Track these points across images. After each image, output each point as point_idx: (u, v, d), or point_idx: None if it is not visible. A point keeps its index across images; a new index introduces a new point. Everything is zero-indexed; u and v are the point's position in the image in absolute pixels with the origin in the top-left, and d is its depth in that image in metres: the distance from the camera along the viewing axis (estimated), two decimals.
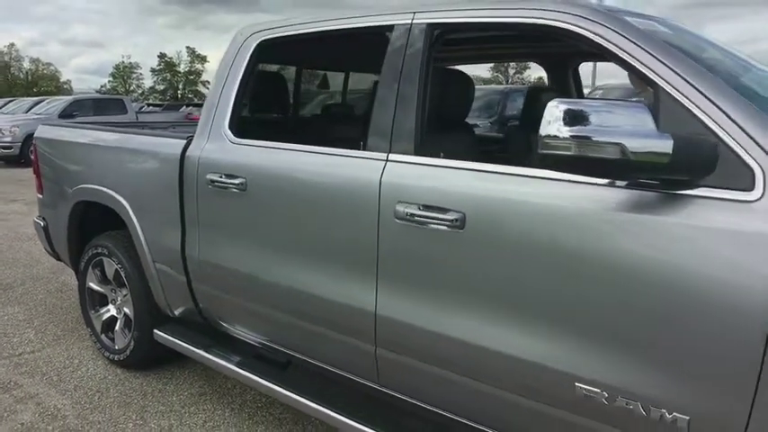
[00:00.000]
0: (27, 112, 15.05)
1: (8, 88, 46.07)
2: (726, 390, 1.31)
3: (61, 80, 56.38)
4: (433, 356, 1.82)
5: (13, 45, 53.30)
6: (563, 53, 2.62)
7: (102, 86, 62.83)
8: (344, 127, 2.12)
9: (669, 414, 1.39)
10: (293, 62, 2.77)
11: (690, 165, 1.34)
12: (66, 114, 13.55)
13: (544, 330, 1.57)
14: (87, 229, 3.25)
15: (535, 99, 2.74)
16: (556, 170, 1.43)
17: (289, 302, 2.24)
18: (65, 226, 3.29)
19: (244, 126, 2.47)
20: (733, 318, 1.28)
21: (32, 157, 3.63)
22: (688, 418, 1.37)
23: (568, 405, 1.55)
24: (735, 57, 2.00)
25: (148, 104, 28.02)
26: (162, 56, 65.86)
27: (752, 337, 1.26)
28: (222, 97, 2.51)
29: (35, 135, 3.62)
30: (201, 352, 2.62)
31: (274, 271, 2.24)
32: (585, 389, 1.50)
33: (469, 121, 2.55)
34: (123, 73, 65.22)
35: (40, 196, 3.60)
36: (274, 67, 2.67)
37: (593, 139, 1.28)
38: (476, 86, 2.32)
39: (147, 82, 66.98)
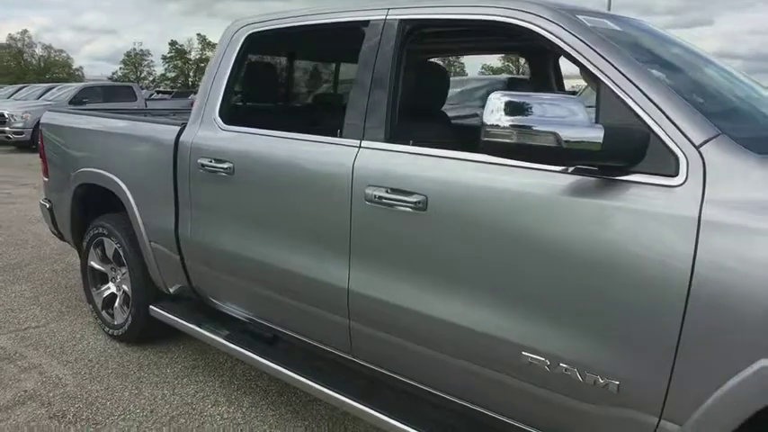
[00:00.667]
0: (38, 98, 15.29)
1: (21, 74, 46.53)
2: (649, 357, 1.44)
3: (73, 67, 56.83)
4: (397, 328, 1.97)
5: (26, 31, 53.71)
6: (526, 48, 2.74)
7: (113, 73, 63.25)
8: (326, 115, 2.26)
9: (602, 379, 1.53)
10: (280, 54, 2.91)
11: (621, 152, 1.47)
12: (77, 101, 13.79)
13: (495, 304, 1.71)
14: (89, 210, 3.42)
15: (512, 89, 2.85)
16: (498, 156, 1.57)
17: (271, 279, 2.39)
18: (68, 207, 3.46)
19: (233, 114, 2.61)
20: (656, 292, 1.41)
21: (39, 142, 3.80)
22: (618, 382, 1.50)
23: (516, 372, 1.69)
24: (697, 56, 2.11)
25: (158, 92, 28.21)
26: (173, 43, 66.17)
27: (671, 309, 1.39)
28: (213, 86, 2.65)
29: (41, 121, 3.79)
30: (194, 326, 2.78)
31: (258, 250, 2.39)
32: (531, 357, 1.64)
33: (472, 109, 2.67)
34: (134, 60, 65.59)
35: (46, 179, 3.77)
36: (262, 59, 2.81)
37: (531, 127, 1.41)
38: (485, 75, 2.40)
39: (159, 69, 67.36)
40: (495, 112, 1.42)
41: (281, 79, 2.86)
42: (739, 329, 1.30)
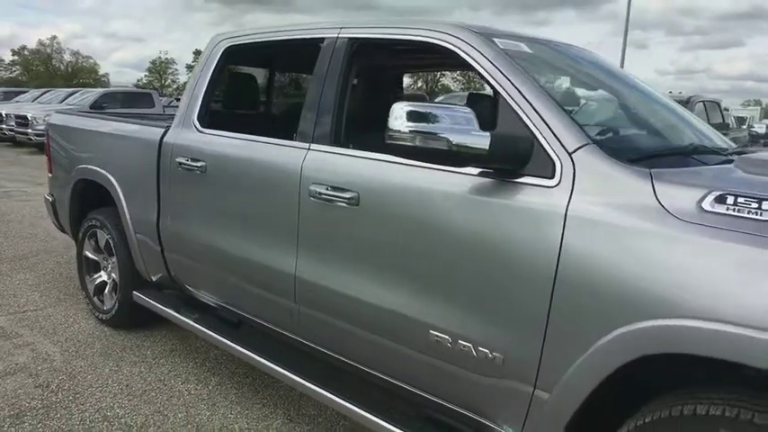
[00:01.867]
0: (61, 102, 15.88)
1: (49, 79, 47.91)
2: (525, 334, 1.66)
3: (100, 73, 58.32)
4: (333, 310, 2.21)
5: (54, 38, 55.34)
6: (457, 65, 2.96)
7: (138, 80, 64.74)
8: (288, 121, 2.51)
9: (491, 354, 1.75)
10: (253, 65, 3.19)
11: (507, 157, 1.71)
12: (97, 106, 14.28)
13: (413, 290, 1.95)
14: (86, 204, 3.73)
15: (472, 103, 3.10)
16: (400, 156, 1.81)
17: (235, 268, 2.65)
18: (68, 201, 3.78)
19: (209, 118, 2.89)
20: (530, 276, 1.64)
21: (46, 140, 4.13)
22: (502, 356, 1.73)
23: (424, 347, 1.92)
24: (614, 79, 2.34)
25: (177, 99, 28.92)
26: (197, 52, 67.36)
27: (542, 291, 1.62)
28: (194, 93, 2.94)
29: (49, 122, 4.12)
30: (170, 311, 3.06)
31: (223, 241, 2.66)
32: (436, 335, 1.88)
33: None
34: (159, 68, 67.03)
35: (50, 175, 4.09)
36: (238, 69, 3.10)
37: (427, 133, 1.65)
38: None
39: (183, 77, 68.67)
40: (397, 119, 1.67)
41: (253, 88, 3.14)
42: (596, 306, 1.52)
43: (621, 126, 2.11)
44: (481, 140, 1.65)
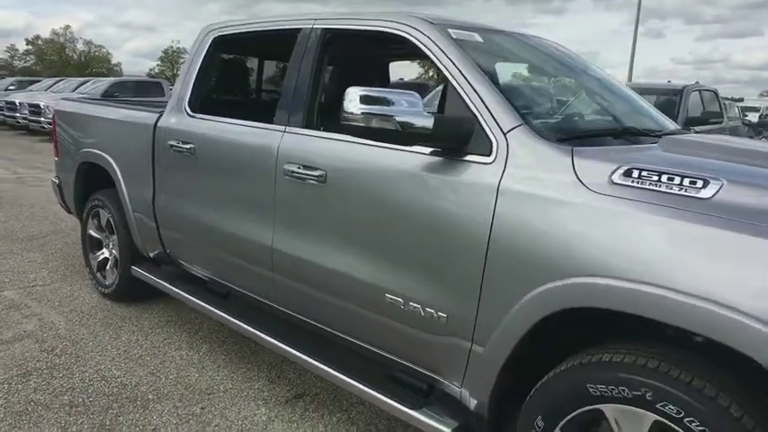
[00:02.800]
0: (74, 91, 16.19)
1: (63, 68, 48.46)
2: (464, 294, 1.86)
3: (113, 62, 58.83)
4: (304, 278, 2.43)
5: (68, 27, 55.96)
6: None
7: (150, 69, 65.17)
8: (270, 106, 2.71)
9: (436, 314, 1.96)
10: (240, 54, 3.39)
11: (450, 137, 1.90)
12: (108, 94, 14.55)
13: (371, 258, 2.15)
14: (89, 186, 3.97)
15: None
16: (354, 136, 2.01)
17: (221, 242, 2.88)
18: (72, 183, 4.02)
19: (199, 104, 3.11)
20: (468, 243, 1.83)
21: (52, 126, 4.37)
22: (446, 315, 1.93)
23: (381, 310, 2.13)
24: (567, 67, 2.52)
25: None
26: None
27: (477, 255, 1.81)
28: (186, 80, 3.16)
29: (54, 108, 4.36)
30: (165, 284, 3.29)
31: (211, 217, 2.88)
32: (391, 298, 2.08)
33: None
34: (171, 57, 67.37)
35: (57, 159, 4.34)
36: (225, 57, 3.30)
37: (377, 114, 1.85)
38: None
39: None
40: (351, 102, 1.87)
41: (240, 75, 3.34)
42: (521, 268, 1.72)
43: (561, 108, 2.29)
44: (425, 121, 1.85)
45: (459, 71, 1.99)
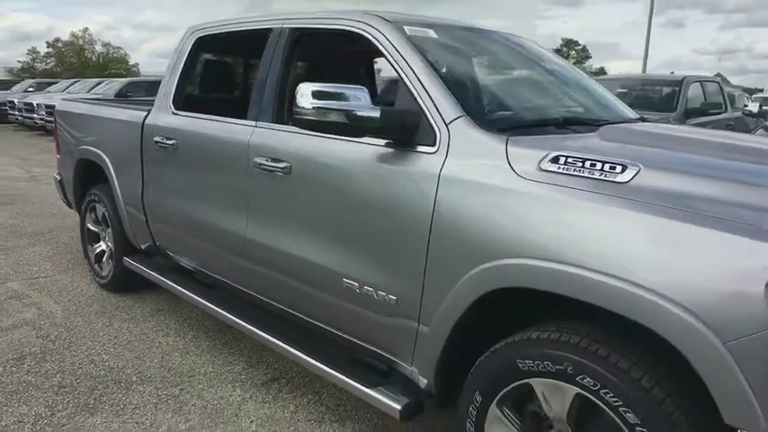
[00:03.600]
0: (89, 91, 16.54)
1: (81, 70, 49.25)
2: (411, 277, 1.97)
3: (130, 63, 59.59)
4: (273, 265, 2.55)
5: (86, 29, 56.77)
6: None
7: None
8: (245, 102, 2.83)
9: (387, 296, 2.06)
10: (220, 53, 3.52)
11: (397, 128, 2.00)
12: (122, 94, 14.87)
13: (330, 245, 2.27)
14: (87, 182, 4.13)
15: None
16: (306, 129, 2.12)
17: (202, 233, 3.01)
18: (71, 179, 4.20)
19: (182, 101, 3.24)
20: (414, 228, 1.94)
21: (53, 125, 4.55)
22: (396, 297, 2.04)
23: (339, 293, 2.24)
24: (524, 60, 2.60)
25: None
26: None
27: (421, 239, 1.91)
28: (170, 78, 3.30)
29: (55, 108, 4.54)
30: (154, 274, 3.45)
31: (192, 209, 3.02)
32: (348, 282, 2.19)
33: None
34: None
35: (58, 156, 4.52)
36: (207, 57, 3.43)
37: (327, 108, 1.96)
38: None
39: None
40: (303, 97, 1.98)
41: (220, 73, 3.47)
42: (459, 251, 1.82)
43: (508, 100, 2.38)
44: (373, 114, 1.95)
45: (409, 66, 2.09)
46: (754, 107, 7.39)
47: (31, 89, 20.46)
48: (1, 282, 4.16)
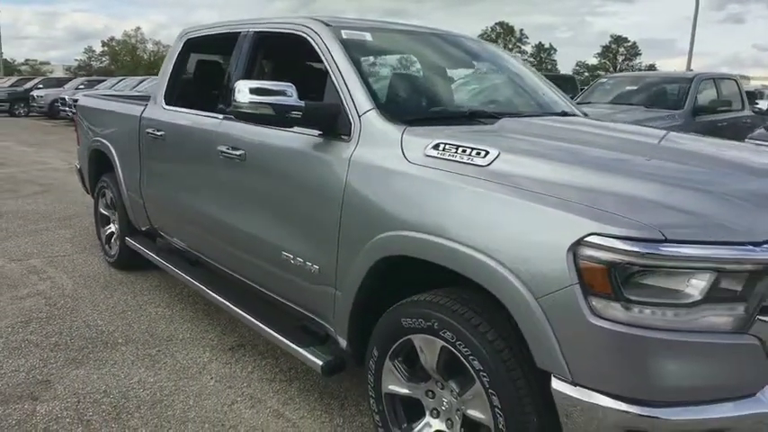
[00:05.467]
0: (132, 89, 17.43)
1: (134, 68, 51.46)
2: (328, 248, 2.26)
3: None
4: (232, 241, 2.89)
5: (138, 29, 59.44)
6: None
7: None
8: (220, 98, 3.19)
9: (313, 266, 2.37)
10: (203, 53, 3.87)
11: (319, 120, 2.30)
12: None
13: (272, 222, 2.59)
14: (100, 170, 4.59)
15: None
16: (242, 121, 2.44)
17: (184, 214, 3.39)
18: (86, 167, 4.67)
19: (172, 97, 3.63)
20: (330, 205, 2.23)
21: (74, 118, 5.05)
22: (319, 267, 2.34)
23: (279, 264, 2.55)
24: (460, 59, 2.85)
25: None
26: None
27: (335, 215, 2.20)
28: (163, 75, 3.69)
29: (77, 103, 5.03)
30: (150, 252, 3.85)
31: (175, 194, 3.40)
32: (285, 254, 2.51)
33: None
34: None
35: (78, 147, 5.01)
36: (194, 56, 3.80)
37: (259, 102, 2.27)
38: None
39: None
40: (240, 92, 2.30)
41: (202, 71, 3.83)
42: (361, 224, 2.10)
43: (419, 95, 2.65)
44: (297, 107, 2.26)
45: (336, 65, 2.39)
46: (763, 105, 7.32)
47: (81, 86, 21.64)
48: (25, 259, 4.67)
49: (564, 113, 2.80)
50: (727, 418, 1.51)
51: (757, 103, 8.02)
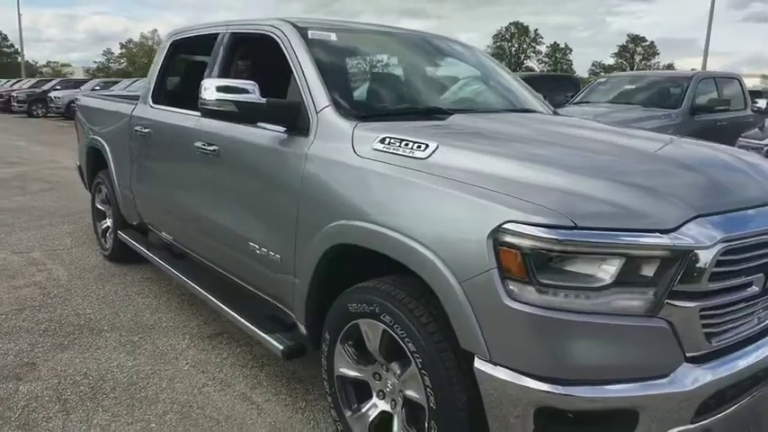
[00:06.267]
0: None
1: None
2: (287, 238, 2.38)
3: None
4: (208, 232, 3.02)
5: (155, 31, 60.21)
6: None
7: None
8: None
9: (275, 255, 2.49)
10: (187, 54, 4.01)
11: (280, 117, 2.42)
12: None
13: (241, 214, 2.71)
14: (96, 167, 4.76)
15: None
16: (208, 117, 2.56)
17: (168, 208, 3.53)
18: (84, 164, 4.85)
19: (159, 96, 3.78)
20: (289, 197, 2.35)
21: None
22: (280, 256, 2.46)
23: (248, 254, 2.68)
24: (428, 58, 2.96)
25: None
26: None
27: (293, 206, 2.32)
28: (151, 75, 3.84)
29: (77, 102, 5.22)
30: (139, 245, 4.01)
31: (161, 189, 3.54)
32: (252, 245, 2.63)
33: None
34: None
35: (79, 145, 5.20)
36: (178, 57, 3.95)
37: (224, 100, 2.40)
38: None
39: None
40: (206, 90, 2.43)
41: (186, 71, 3.98)
42: (315, 214, 2.22)
43: (376, 92, 2.75)
44: (258, 104, 2.38)
45: (299, 64, 2.51)
46: (762, 104, 7.30)
47: (97, 88, 22.07)
48: (27, 252, 4.86)
49: (526, 110, 2.88)
50: (635, 397, 1.59)
51: (756, 102, 7.99)
